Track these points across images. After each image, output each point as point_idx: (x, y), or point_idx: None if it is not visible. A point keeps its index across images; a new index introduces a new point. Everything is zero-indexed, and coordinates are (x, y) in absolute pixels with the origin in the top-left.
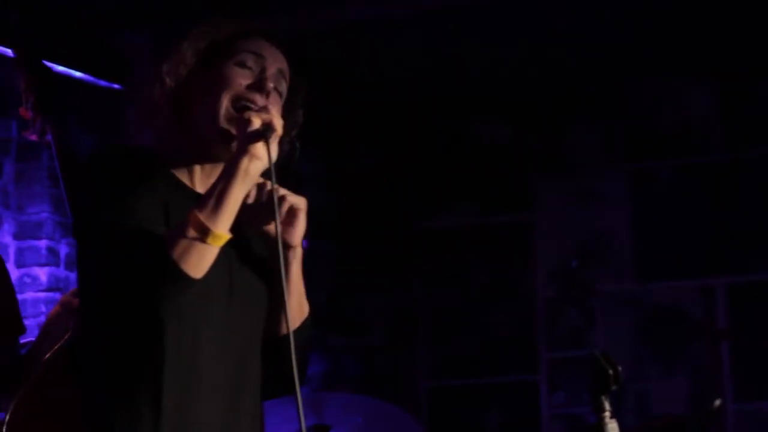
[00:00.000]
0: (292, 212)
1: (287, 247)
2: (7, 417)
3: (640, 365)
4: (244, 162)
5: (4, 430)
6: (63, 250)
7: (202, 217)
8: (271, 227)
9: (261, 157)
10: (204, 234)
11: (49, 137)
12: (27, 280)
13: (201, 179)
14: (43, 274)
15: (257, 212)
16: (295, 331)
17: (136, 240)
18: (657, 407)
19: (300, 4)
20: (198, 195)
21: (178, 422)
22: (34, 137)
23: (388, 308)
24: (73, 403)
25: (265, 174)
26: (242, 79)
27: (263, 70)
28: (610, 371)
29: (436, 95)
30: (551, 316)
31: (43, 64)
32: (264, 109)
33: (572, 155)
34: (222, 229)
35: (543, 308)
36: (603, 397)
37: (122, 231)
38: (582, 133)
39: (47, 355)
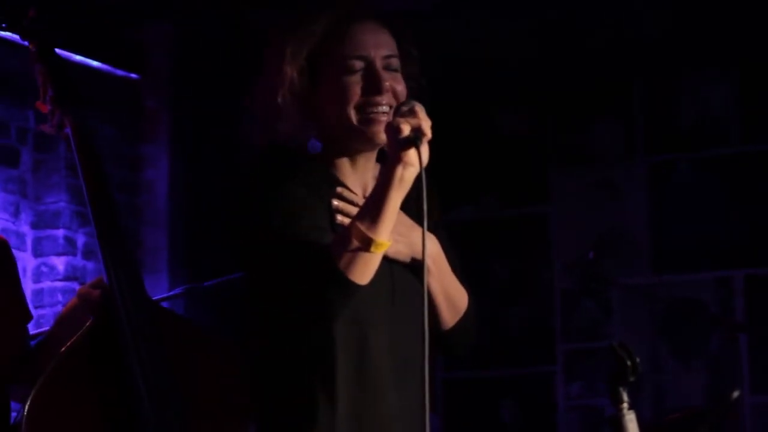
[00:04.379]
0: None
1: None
2: (27, 407)
3: (656, 357)
4: (399, 170)
5: (24, 420)
6: (80, 239)
7: (363, 227)
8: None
9: (414, 163)
10: (367, 243)
11: (67, 130)
12: (44, 269)
13: (350, 171)
14: (60, 263)
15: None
16: (455, 326)
17: (306, 252)
18: (674, 400)
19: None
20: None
21: (354, 418)
22: (51, 131)
23: None
24: (93, 394)
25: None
26: (356, 87)
27: (370, 66)
28: (628, 362)
29: (454, 86)
30: (568, 307)
31: (61, 58)
32: (411, 112)
33: (591, 147)
34: (383, 237)
35: (560, 300)
36: (621, 389)
37: (291, 242)
38: (601, 125)
39: (65, 346)
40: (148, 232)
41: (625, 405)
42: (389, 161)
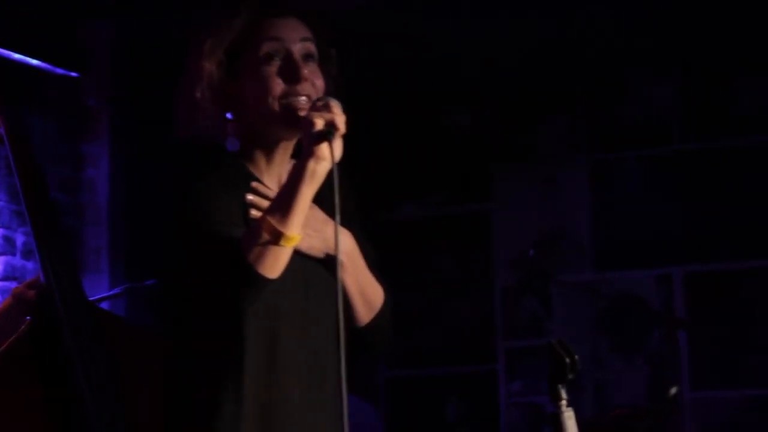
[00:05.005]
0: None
1: (334, 259)
2: None
3: (598, 354)
4: (311, 164)
5: None
6: (19, 239)
7: (273, 221)
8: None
9: (326, 157)
10: (277, 237)
11: (0, 131)
12: None
13: (266, 166)
14: None
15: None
16: (370, 323)
17: (215, 245)
18: (616, 397)
19: None
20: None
21: (260, 412)
22: None
23: None
24: (31, 393)
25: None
26: (276, 77)
27: (289, 56)
28: (567, 360)
29: (397, 84)
30: (509, 305)
31: None
32: (326, 107)
33: (533, 145)
34: (294, 231)
35: (501, 297)
36: (560, 386)
37: (202, 236)
38: (544, 123)
39: (2, 346)
40: (89, 231)
41: (564, 402)
42: (302, 155)
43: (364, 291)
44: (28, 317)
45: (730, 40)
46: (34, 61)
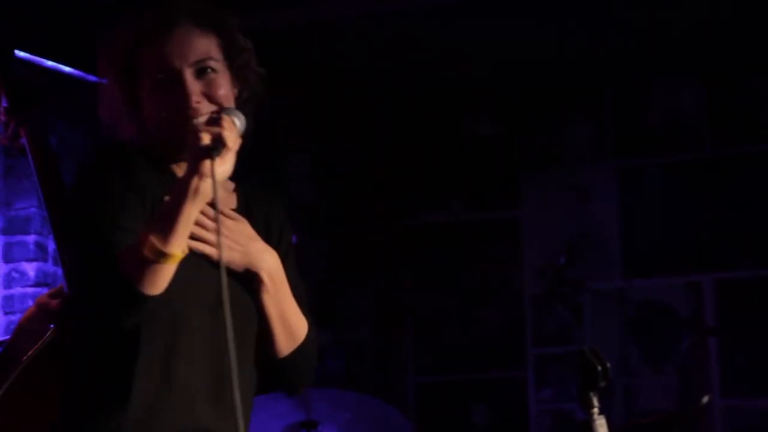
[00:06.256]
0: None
1: (256, 279)
2: None
3: (627, 362)
4: (194, 181)
5: None
6: (51, 245)
7: (154, 239)
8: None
9: (210, 174)
10: (157, 255)
11: (23, 141)
12: (15, 275)
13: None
14: (31, 269)
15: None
16: (291, 355)
17: (98, 256)
18: (645, 404)
19: (288, 1)
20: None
21: (148, 422)
22: (5, 142)
23: (377, 304)
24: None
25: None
26: (167, 99)
27: (178, 78)
28: (599, 367)
29: (425, 91)
30: (538, 312)
31: (13, 67)
32: (215, 121)
33: (561, 152)
34: (175, 250)
35: (530, 304)
36: (591, 393)
37: (89, 244)
38: (571, 129)
39: (26, 355)
40: None
41: (596, 410)
42: (186, 172)
43: (285, 318)
44: (51, 325)
45: (756, 46)
46: (67, 68)
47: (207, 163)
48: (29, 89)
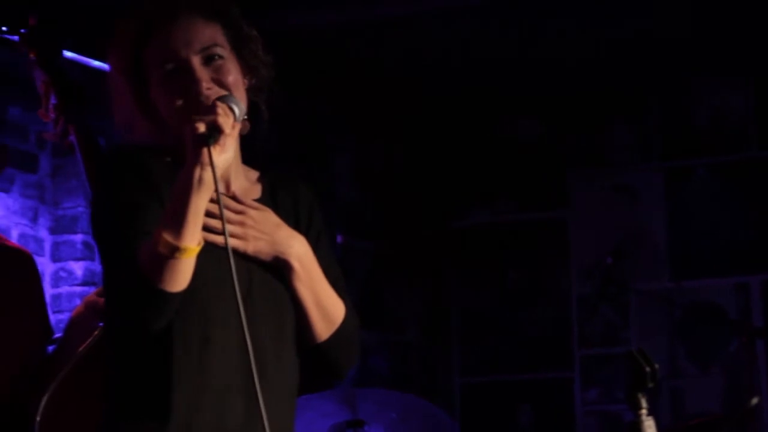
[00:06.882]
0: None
1: (286, 266)
2: (39, 414)
3: (674, 363)
4: (197, 172)
5: (37, 425)
6: None
7: (167, 235)
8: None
9: (211, 162)
10: (172, 250)
11: (72, 138)
12: (63, 274)
13: None
14: (78, 268)
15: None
16: (330, 340)
17: (120, 260)
18: (692, 405)
19: (332, 1)
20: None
21: (188, 422)
22: (54, 139)
23: (423, 305)
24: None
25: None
26: (176, 91)
27: (185, 66)
28: (647, 368)
29: (473, 91)
30: (585, 313)
31: (63, 66)
32: (210, 109)
33: (608, 152)
34: (189, 243)
35: (577, 305)
36: (640, 395)
37: (112, 249)
38: (618, 130)
39: (77, 352)
40: None
41: (644, 411)
42: (187, 163)
43: (320, 302)
44: (100, 323)
45: None
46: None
47: (206, 151)
48: (77, 88)
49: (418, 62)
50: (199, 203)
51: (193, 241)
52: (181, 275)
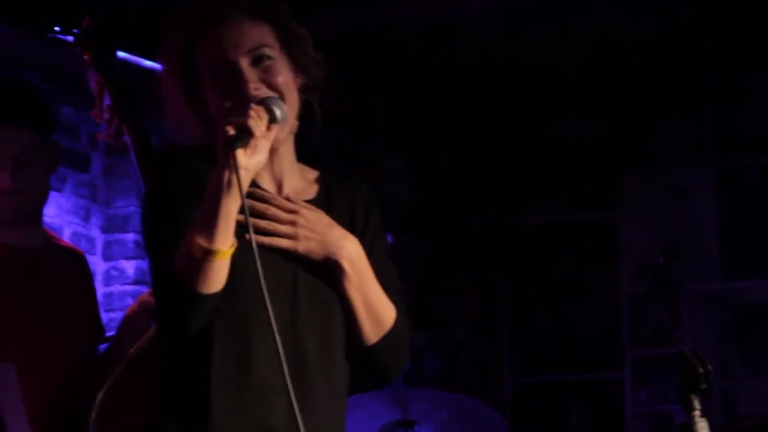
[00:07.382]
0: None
1: (337, 267)
2: (95, 410)
3: (726, 364)
4: (226, 174)
5: (93, 421)
6: None
7: (199, 238)
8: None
9: (242, 165)
10: (204, 253)
11: (126, 138)
12: (114, 273)
13: (262, 168)
14: (130, 267)
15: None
16: (379, 343)
17: (161, 266)
18: (743, 407)
19: (382, 1)
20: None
21: (230, 422)
22: (108, 139)
23: (473, 305)
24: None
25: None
26: (226, 93)
27: (234, 68)
28: (700, 369)
29: (523, 92)
30: (636, 313)
31: (116, 67)
32: (240, 111)
33: (659, 152)
34: (222, 245)
35: (628, 305)
36: (693, 396)
37: (156, 255)
38: (669, 130)
39: (130, 351)
40: None
41: (698, 412)
42: (217, 166)
43: (370, 305)
44: (153, 323)
45: None
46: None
47: (238, 153)
48: (131, 88)
49: (471, 62)
50: (231, 206)
51: (225, 243)
52: (215, 277)
